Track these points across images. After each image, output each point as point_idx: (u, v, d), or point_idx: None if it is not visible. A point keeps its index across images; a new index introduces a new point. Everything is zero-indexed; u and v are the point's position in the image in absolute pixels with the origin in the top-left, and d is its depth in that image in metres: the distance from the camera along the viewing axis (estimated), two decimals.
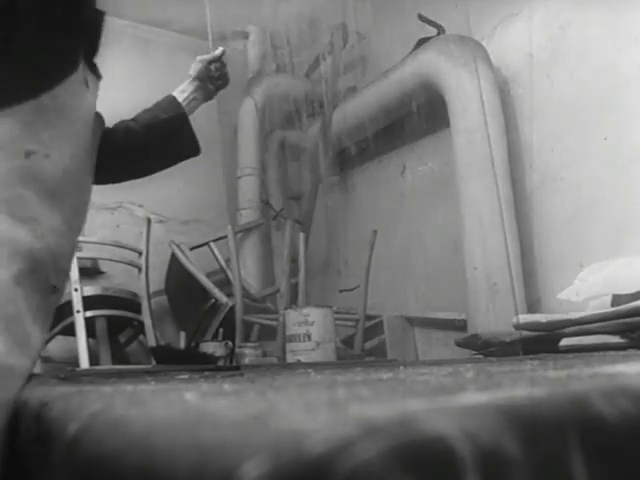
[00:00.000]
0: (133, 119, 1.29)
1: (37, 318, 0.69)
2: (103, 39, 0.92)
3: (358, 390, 0.39)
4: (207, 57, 1.45)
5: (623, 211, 1.99)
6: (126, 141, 1.24)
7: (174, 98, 1.36)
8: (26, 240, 0.71)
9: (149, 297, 2.61)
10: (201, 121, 1.41)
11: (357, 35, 3.15)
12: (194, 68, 1.43)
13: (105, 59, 0.95)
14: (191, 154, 1.39)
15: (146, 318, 2.55)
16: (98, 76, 0.96)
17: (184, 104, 1.36)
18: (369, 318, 2.55)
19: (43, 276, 0.73)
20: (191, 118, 1.38)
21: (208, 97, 1.46)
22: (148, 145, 1.29)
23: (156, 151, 1.32)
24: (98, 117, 1.01)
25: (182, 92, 1.39)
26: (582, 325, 1.48)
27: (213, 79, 1.44)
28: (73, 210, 0.83)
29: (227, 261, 2.80)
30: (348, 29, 3.10)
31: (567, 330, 1.51)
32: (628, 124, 2.01)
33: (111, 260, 2.77)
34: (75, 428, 0.34)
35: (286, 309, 2.04)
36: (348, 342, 2.51)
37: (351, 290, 2.72)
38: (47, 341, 2.50)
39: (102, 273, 2.95)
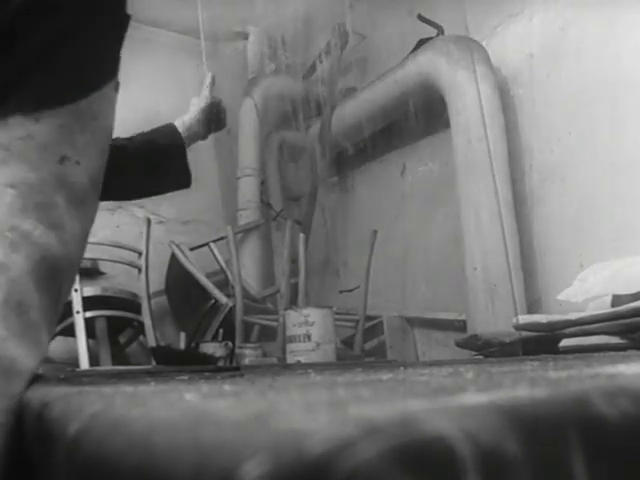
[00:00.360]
0: (128, 139, 1.25)
1: (46, 324, 0.70)
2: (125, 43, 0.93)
3: (358, 390, 0.39)
4: (208, 93, 1.42)
5: (623, 211, 1.99)
6: (117, 159, 1.21)
7: (174, 127, 1.33)
8: (53, 247, 0.71)
9: (149, 297, 2.61)
10: None
11: (357, 36, 3.15)
12: (200, 103, 1.40)
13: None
14: (180, 186, 1.34)
15: (146, 319, 2.55)
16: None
17: (184, 135, 1.33)
18: (369, 319, 2.55)
19: (59, 284, 0.73)
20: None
21: (205, 135, 1.42)
22: (139, 168, 1.24)
23: (145, 176, 1.27)
24: None
25: (183, 123, 1.36)
26: (582, 326, 1.48)
27: (212, 120, 1.42)
28: (89, 219, 0.83)
29: (227, 262, 2.80)
30: (348, 29, 3.10)
31: (567, 331, 1.51)
32: (628, 124, 2.01)
33: (111, 261, 2.77)
34: (75, 428, 0.34)
35: (286, 310, 2.04)
36: (348, 342, 2.51)
37: (351, 291, 2.72)
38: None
39: (102, 274, 2.95)
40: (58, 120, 0.75)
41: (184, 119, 1.37)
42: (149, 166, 1.27)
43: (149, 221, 2.70)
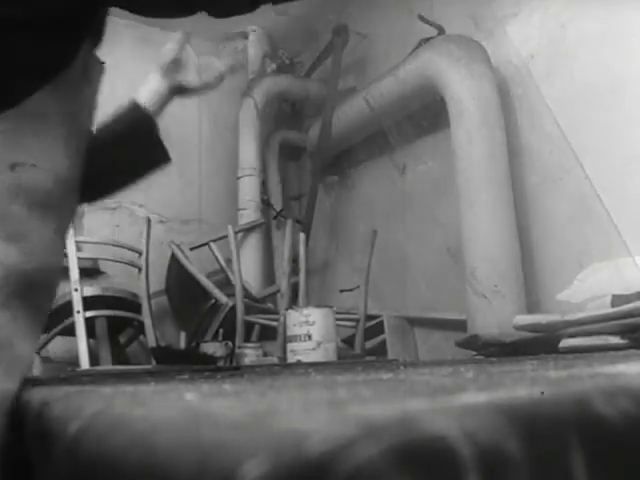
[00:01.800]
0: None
1: (27, 336, 0.66)
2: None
3: (358, 390, 0.39)
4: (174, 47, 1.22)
5: (623, 211, 1.99)
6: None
7: (136, 102, 1.13)
8: (17, 261, 0.66)
9: (149, 297, 2.61)
10: (202, 121, 1.41)
11: (357, 35, 3.15)
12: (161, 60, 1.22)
13: (104, 59, 0.89)
14: (160, 165, 1.14)
15: (146, 318, 2.55)
16: (99, 62, 0.82)
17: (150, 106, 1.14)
18: (369, 318, 2.55)
19: (34, 296, 0.69)
20: (191, 120, 1.29)
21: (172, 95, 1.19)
22: (114, 164, 1.07)
23: (123, 167, 1.09)
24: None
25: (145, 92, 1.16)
26: (582, 326, 1.48)
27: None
28: (64, 219, 0.75)
29: (227, 261, 2.80)
30: (348, 29, 3.10)
31: (567, 331, 1.51)
32: (628, 124, 2.01)
33: (111, 260, 2.77)
34: (76, 428, 0.34)
35: (287, 309, 2.04)
36: (348, 342, 2.51)
37: (351, 290, 2.72)
38: (47, 342, 2.50)
39: (102, 273, 2.95)
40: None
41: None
42: (123, 155, 1.09)
43: (149, 221, 2.69)
